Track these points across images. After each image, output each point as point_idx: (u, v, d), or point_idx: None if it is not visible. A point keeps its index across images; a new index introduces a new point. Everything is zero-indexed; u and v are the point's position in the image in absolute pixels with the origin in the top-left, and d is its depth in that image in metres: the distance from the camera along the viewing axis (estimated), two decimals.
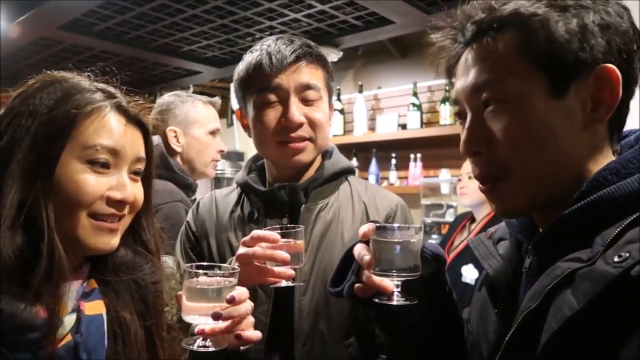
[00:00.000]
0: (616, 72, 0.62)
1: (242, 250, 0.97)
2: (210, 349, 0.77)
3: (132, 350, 0.80)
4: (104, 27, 2.66)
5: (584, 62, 0.62)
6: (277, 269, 0.95)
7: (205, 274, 0.77)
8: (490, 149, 0.67)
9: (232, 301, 0.75)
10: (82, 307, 0.77)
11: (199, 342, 0.77)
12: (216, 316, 0.74)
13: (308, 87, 1.11)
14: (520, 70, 0.64)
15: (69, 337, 0.74)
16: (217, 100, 1.97)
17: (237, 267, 0.82)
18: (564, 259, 0.60)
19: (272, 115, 1.11)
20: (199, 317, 0.76)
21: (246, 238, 0.98)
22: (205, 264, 0.81)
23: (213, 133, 1.89)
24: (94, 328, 0.77)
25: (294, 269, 0.97)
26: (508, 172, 0.66)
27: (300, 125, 1.11)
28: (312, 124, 1.12)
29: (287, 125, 1.10)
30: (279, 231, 0.96)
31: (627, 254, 0.52)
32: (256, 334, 0.81)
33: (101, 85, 0.83)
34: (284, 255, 0.93)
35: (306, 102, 1.12)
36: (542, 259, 0.67)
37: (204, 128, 1.87)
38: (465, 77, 0.68)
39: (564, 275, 0.58)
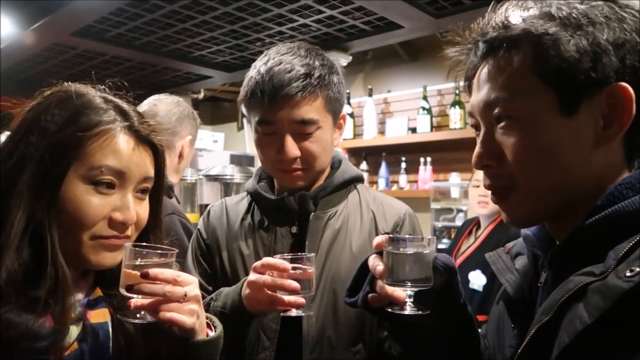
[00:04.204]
0: (629, 90, 0.61)
1: (253, 276, 0.98)
2: (140, 321, 0.77)
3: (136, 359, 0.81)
4: (116, 33, 2.70)
5: (595, 81, 0.61)
6: (287, 298, 0.95)
7: (141, 252, 0.77)
8: (500, 164, 0.68)
9: (144, 276, 0.74)
10: (88, 316, 0.79)
11: (135, 314, 0.77)
12: (127, 288, 0.75)
13: (302, 122, 1.09)
14: (530, 88, 0.64)
15: (75, 346, 0.75)
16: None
17: (173, 249, 0.81)
18: (577, 273, 0.60)
19: (269, 146, 1.13)
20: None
21: (257, 264, 0.99)
22: (146, 244, 0.81)
23: None
24: (99, 336, 0.79)
25: (304, 297, 0.97)
26: (514, 185, 0.67)
27: (295, 159, 1.11)
28: (307, 156, 1.12)
29: (281, 158, 1.11)
30: (290, 256, 0.97)
31: (639, 269, 0.52)
32: (187, 322, 0.76)
33: (116, 102, 0.82)
34: (295, 285, 0.94)
35: (302, 135, 1.11)
36: (557, 273, 0.67)
37: (195, 143, 1.90)
38: (479, 92, 0.69)
39: (576, 289, 0.58)
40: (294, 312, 0.97)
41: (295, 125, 1.10)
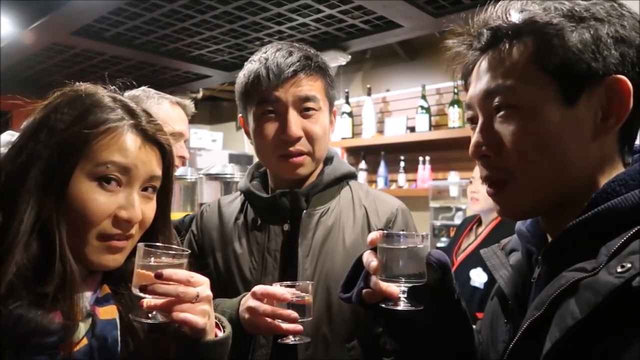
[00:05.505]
0: (627, 83, 0.62)
1: (252, 303, 0.99)
2: (151, 322, 0.78)
3: (143, 356, 0.82)
4: (115, 32, 2.70)
5: (595, 72, 0.62)
6: (285, 325, 0.97)
7: (155, 253, 0.78)
8: (498, 153, 0.68)
9: (158, 277, 0.75)
10: (97, 312, 0.79)
11: (146, 314, 0.78)
12: (141, 288, 0.75)
13: (306, 99, 1.12)
14: (532, 77, 0.64)
15: (84, 341, 0.76)
16: (188, 102, 1.75)
17: (186, 249, 0.82)
18: (569, 269, 0.60)
19: (272, 129, 1.12)
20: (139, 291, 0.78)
21: (257, 290, 0.99)
22: (160, 244, 0.82)
23: (174, 136, 1.62)
24: (108, 332, 0.79)
25: (302, 324, 0.98)
26: (512, 176, 0.67)
27: (299, 139, 1.12)
28: (310, 138, 1.13)
29: (285, 139, 1.11)
30: (289, 283, 0.99)
31: (630, 265, 0.53)
32: (199, 323, 0.77)
33: (124, 101, 0.83)
34: (294, 315, 0.95)
35: (305, 114, 1.13)
36: (550, 269, 0.67)
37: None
38: (479, 82, 0.69)
39: (568, 285, 0.58)
40: (291, 339, 0.98)
41: (299, 102, 1.11)
